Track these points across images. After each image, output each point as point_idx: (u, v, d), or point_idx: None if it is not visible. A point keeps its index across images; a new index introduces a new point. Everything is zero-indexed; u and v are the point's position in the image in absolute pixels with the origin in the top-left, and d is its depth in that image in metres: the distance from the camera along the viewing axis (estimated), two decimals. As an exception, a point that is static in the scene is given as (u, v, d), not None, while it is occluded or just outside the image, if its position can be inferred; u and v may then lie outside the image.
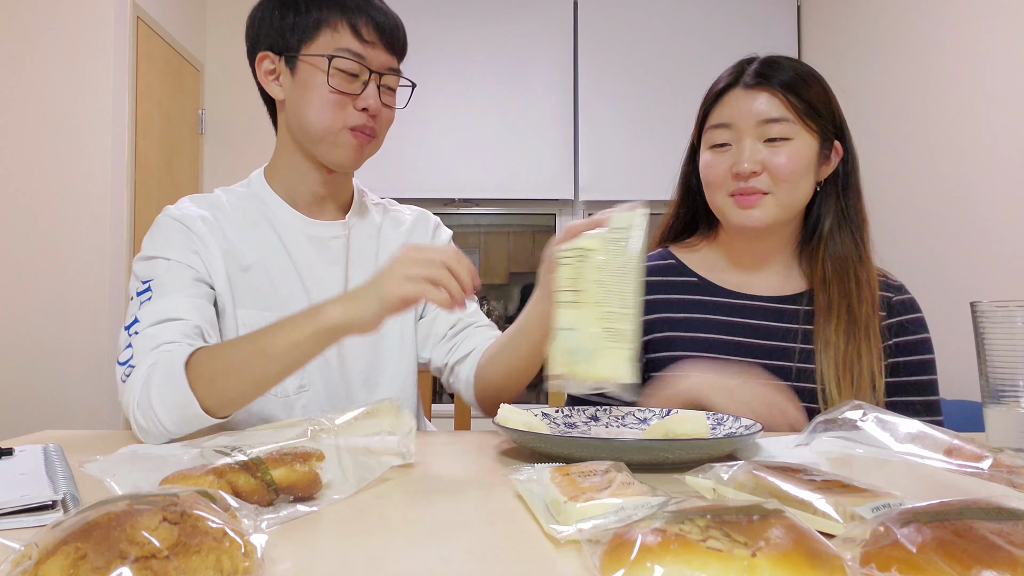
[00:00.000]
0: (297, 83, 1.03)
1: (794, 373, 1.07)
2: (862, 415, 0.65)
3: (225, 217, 1.08)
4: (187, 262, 1.02)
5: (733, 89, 1.07)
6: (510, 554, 0.49)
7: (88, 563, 0.35)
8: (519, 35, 3.69)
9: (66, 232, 2.77)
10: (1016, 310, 0.72)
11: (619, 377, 0.75)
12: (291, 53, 1.03)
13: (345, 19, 1.01)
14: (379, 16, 1.03)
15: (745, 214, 1.06)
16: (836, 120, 1.09)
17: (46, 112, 2.78)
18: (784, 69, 1.06)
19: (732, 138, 1.06)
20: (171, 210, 1.07)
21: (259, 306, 1.05)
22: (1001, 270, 2.29)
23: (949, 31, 2.57)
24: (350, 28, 1.01)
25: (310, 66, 1.01)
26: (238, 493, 0.55)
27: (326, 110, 1.01)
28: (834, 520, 0.47)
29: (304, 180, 1.10)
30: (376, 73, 1.03)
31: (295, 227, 1.10)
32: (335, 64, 1.00)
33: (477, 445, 0.90)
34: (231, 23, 3.61)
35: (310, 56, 1.01)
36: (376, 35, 1.02)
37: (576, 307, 0.79)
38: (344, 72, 1.01)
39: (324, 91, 1.01)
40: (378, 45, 1.02)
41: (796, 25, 3.69)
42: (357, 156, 1.06)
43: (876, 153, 3.01)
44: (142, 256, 1.04)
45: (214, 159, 3.63)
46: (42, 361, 2.73)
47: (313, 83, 1.01)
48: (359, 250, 1.14)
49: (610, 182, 3.65)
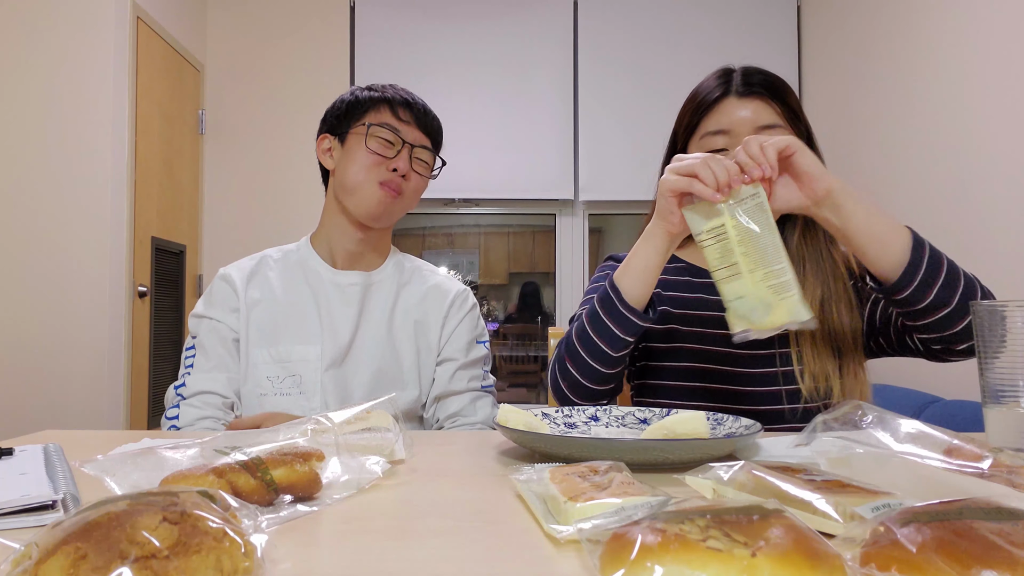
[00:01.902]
0: (345, 152, 1.25)
1: (776, 341, 1.11)
2: (862, 415, 0.65)
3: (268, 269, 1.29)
4: (226, 322, 1.22)
5: (727, 98, 1.12)
6: (510, 554, 0.49)
7: (88, 563, 0.35)
8: (519, 35, 3.69)
9: (66, 232, 2.77)
10: (1016, 310, 0.72)
11: (798, 317, 0.82)
12: (343, 131, 1.25)
13: (387, 105, 1.24)
14: (417, 107, 1.25)
15: None
16: (807, 125, 1.16)
17: (46, 112, 2.79)
18: (765, 78, 1.13)
19: (729, 143, 1.10)
20: (222, 270, 1.28)
21: (264, 346, 1.21)
22: (1001, 270, 2.29)
23: (949, 31, 2.57)
24: (389, 109, 1.24)
25: (355, 136, 1.23)
26: (238, 493, 0.55)
27: (362, 168, 1.21)
28: (834, 520, 0.47)
29: (341, 237, 1.27)
30: (409, 144, 1.23)
31: (324, 277, 1.27)
32: (373, 132, 1.22)
33: (477, 445, 0.90)
34: (231, 23, 3.61)
35: (357, 126, 1.24)
36: (411, 116, 1.24)
37: (736, 279, 0.85)
38: (381, 139, 1.22)
39: (363, 153, 1.21)
40: (412, 124, 1.24)
41: (796, 25, 3.69)
42: (383, 209, 1.23)
43: (876, 153, 3.01)
44: (193, 313, 1.26)
45: (214, 159, 3.63)
46: (42, 361, 2.73)
47: (357, 148, 1.22)
48: (376, 299, 1.27)
49: (610, 182, 3.65)
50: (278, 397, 1.19)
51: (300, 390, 1.19)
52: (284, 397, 1.19)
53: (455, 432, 1.16)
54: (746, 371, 1.12)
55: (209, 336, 1.22)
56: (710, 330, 1.15)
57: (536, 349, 4.21)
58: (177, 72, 3.36)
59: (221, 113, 3.62)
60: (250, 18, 3.63)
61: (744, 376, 1.12)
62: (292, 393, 1.19)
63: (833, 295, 1.11)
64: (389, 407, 0.78)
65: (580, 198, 3.70)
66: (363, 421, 0.75)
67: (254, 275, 1.27)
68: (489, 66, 3.67)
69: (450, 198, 3.71)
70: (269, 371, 1.20)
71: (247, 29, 3.64)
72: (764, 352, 1.12)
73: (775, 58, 3.62)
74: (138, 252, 2.99)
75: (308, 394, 1.19)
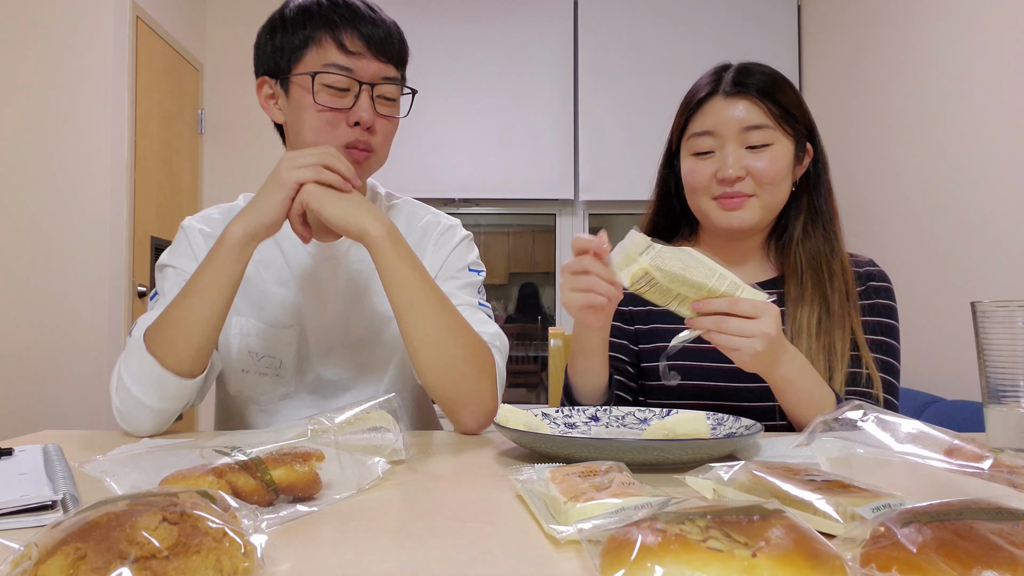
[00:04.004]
0: (292, 105, 1.02)
1: None
2: (862, 415, 0.65)
3: None
4: (187, 269, 1.04)
5: (713, 97, 1.10)
6: (510, 554, 0.49)
7: (88, 563, 0.35)
8: (519, 35, 3.69)
9: (66, 232, 2.77)
10: (1016, 310, 0.72)
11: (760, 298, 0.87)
12: (284, 75, 1.02)
13: (330, 34, 0.98)
14: (367, 27, 0.99)
15: (731, 216, 1.09)
16: (808, 123, 1.13)
17: (46, 112, 2.78)
18: (760, 76, 1.09)
19: (715, 145, 1.09)
20: (186, 220, 1.12)
21: (252, 313, 1.09)
22: (1001, 270, 2.29)
23: (949, 30, 2.57)
24: (335, 42, 0.98)
25: (299, 86, 1.00)
26: (238, 493, 0.55)
27: (319, 130, 0.99)
28: (834, 520, 0.47)
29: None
30: (367, 84, 0.99)
31: (297, 242, 1.09)
32: (321, 80, 0.98)
33: (477, 445, 0.90)
34: (231, 23, 3.61)
35: (299, 76, 0.99)
36: (363, 45, 0.98)
37: (687, 303, 0.88)
38: (332, 87, 0.98)
39: (313, 110, 0.99)
40: (366, 55, 0.99)
41: (796, 25, 3.69)
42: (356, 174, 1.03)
43: (876, 153, 3.01)
44: (158, 263, 1.10)
45: (213, 159, 3.63)
46: (42, 361, 2.73)
47: (304, 103, 0.99)
48: (357, 261, 1.13)
49: (610, 182, 3.65)
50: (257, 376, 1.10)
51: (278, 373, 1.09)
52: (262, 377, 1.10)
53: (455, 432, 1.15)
54: (742, 386, 1.11)
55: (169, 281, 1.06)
56: (701, 345, 1.13)
57: (536, 349, 4.21)
58: (176, 72, 3.36)
59: (220, 113, 3.62)
60: (250, 18, 3.61)
61: (742, 391, 1.11)
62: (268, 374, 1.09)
63: (827, 314, 1.09)
64: (388, 407, 0.77)
65: (580, 198, 3.70)
66: (363, 421, 0.74)
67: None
68: (489, 66, 3.67)
69: (450, 198, 3.71)
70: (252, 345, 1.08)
71: (247, 29, 3.62)
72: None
73: (776, 57, 3.61)
74: (137, 252, 2.99)
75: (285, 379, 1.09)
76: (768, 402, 1.07)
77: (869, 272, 1.15)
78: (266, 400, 1.11)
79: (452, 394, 0.96)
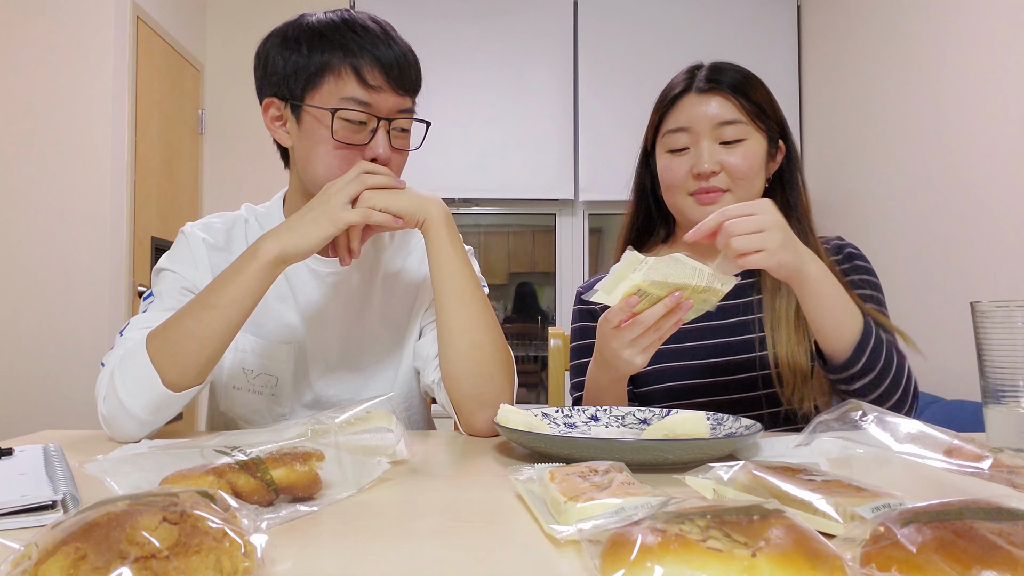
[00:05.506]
0: (303, 134, 0.99)
1: (757, 344, 1.12)
2: (862, 415, 0.65)
3: (240, 236, 1.11)
4: (186, 275, 1.04)
5: (687, 94, 1.12)
6: (510, 554, 0.49)
7: (88, 563, 0.35)
8: (519, 35, 3.69)
9: (66, 232, 2.77)
10: (1016, 310, 0.72)
11: (729, 286, 0.90)
12: (296, 101, 0.98)
13: (348, 63, 0.95)
14: (385, 54, 0.96)
15: (707, 211, 1.09)
16: (779, 120, 1.15)
17: (46, 112, 2.78)
18: (732, 73, 1.12)
19: (690, 141, 1.11)
20: (188, 226, 1.11)
21: (251, 329, 1.07)
22: (1001, 270, 2.29)
23: (949, 30, 2.57)
24: (354, 73, 0.95)
25: (314, 118, 0.97)
26: (238, 493, 0.55)
27: (334, 166, 0.97)
28: (834, 520, 0.47)
29: None
30: (385, 120, 0.98)
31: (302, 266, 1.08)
32: (340, 116, 0.95)
33: (477, 445, 0.90)
34: (231, 23, 3.61)
35: (315, 107, 0.96)
36: (383, 78, 0.95)
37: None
38: (350, 122, 0.96)
39: (330, 145, 0.96)
40: (385, 88, 0.96)
41: (796, 25, 3.69)
42: None
43: (876, 152, 3.01)
44: (157, 266, 1.08)
45: (214, 159, 3.62)
46: (42, 361, 2.73)
47: (319, 136, 0.97)
48: (359, 281, 1.12)
49: (610, 182, 3.65)
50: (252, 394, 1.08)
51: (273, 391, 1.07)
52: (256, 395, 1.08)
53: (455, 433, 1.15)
54: (731, 378, 1.12)
55: (165, 283, 1.04)
56: (690, 343, 1.15)
57: (536, 349, 4.21)
58: (177, 72, 3.36)
59: (221, 113, 3.62)
60: (250, 18, 3.62)
61: (733, 383, 1.12)
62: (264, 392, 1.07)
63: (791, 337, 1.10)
64: (389, 406, 0.77)
65: (580, 198, 3.70)
66: (364, 422, 0.74)
67: (224, 248, 1.08)
68: (489, 66, 3.67)
69: (450, 198, 3.71)
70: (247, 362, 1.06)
71: (247, 29, 3.63)
72: (744, 357, 1.12)
73: (775, 58, 3.63)
74: (138, 252, 2.99)
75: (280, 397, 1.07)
76: (754, 391, 1.11)
77: (838, 246, 1.17)
78: (259, 419, 1.08)
79: (477, 392, 0.95)
